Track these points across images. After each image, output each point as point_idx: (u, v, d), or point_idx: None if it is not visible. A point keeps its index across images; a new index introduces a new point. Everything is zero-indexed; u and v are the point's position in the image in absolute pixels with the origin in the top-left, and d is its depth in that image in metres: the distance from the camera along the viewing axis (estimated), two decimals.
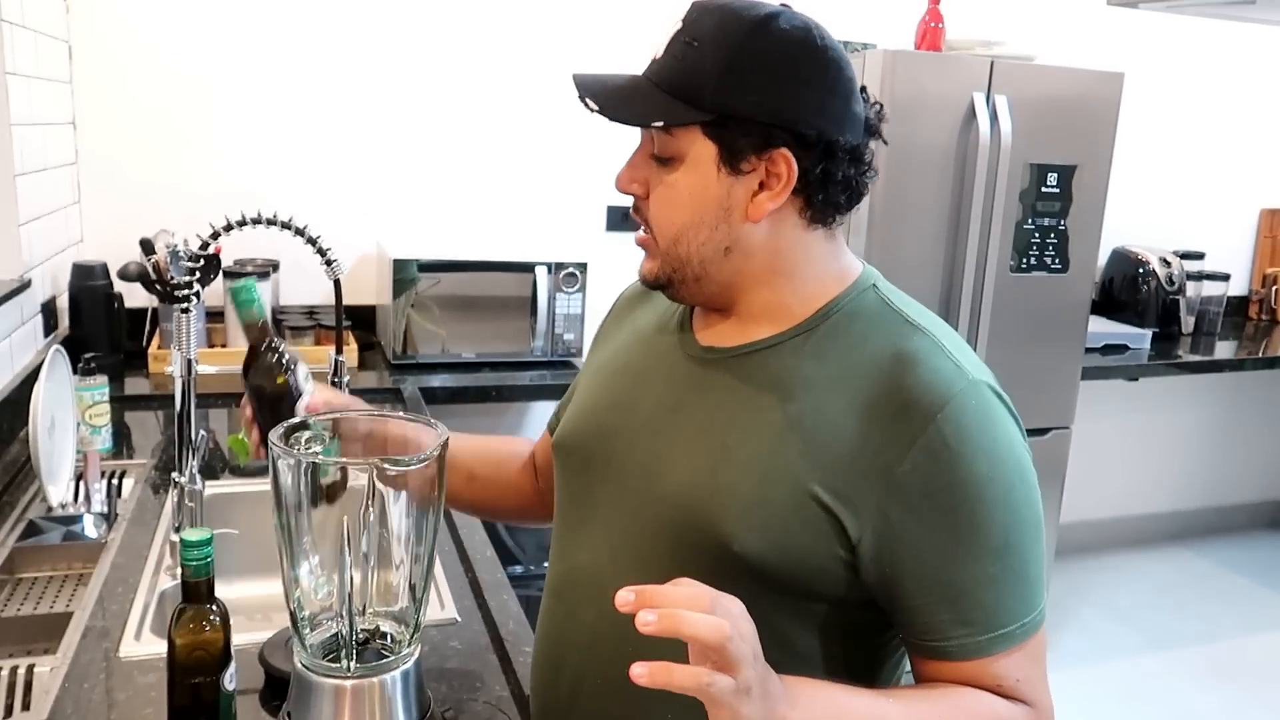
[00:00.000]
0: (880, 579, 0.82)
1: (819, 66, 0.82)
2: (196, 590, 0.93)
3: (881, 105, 0.89)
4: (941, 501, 0.79)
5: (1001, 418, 0.83)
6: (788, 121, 0.81)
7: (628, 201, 0.91)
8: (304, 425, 0.94)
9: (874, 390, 0.82)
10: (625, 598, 0.68)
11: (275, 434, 0.86)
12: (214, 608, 0.95)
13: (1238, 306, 3.92)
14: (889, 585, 0.82)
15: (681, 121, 0.81)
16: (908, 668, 0.93)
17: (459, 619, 1.31)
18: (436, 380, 2.46)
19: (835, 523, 0.82)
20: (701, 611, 0.67)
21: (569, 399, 1.12)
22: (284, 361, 1.10)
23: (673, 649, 0.87)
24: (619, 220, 2.94)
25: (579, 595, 0.95)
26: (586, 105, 0.84)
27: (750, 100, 0.80)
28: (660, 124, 0.82)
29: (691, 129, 0.82)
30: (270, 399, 1.10)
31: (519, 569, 2.50)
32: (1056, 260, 2.78)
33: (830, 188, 0.84)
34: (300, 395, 1.10)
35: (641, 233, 0.90)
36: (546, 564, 1.07)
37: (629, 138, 0.89)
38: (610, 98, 0.84)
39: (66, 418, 1.73)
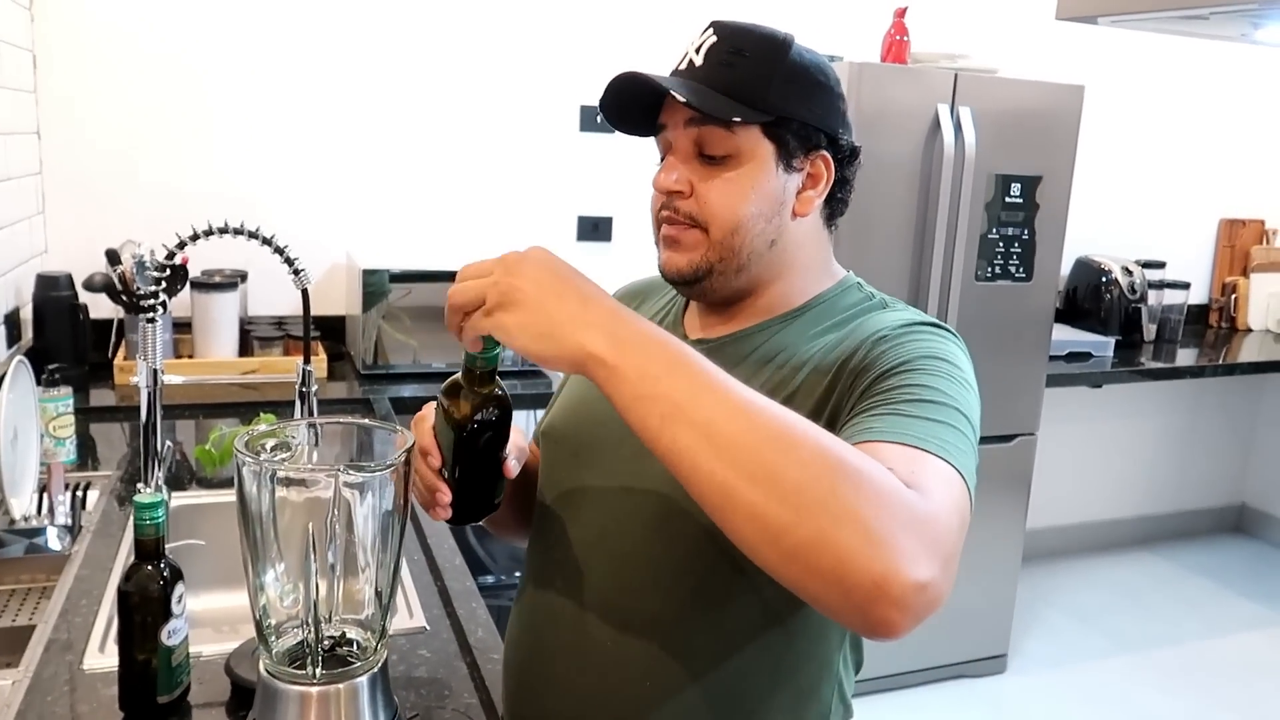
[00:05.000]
0: None
1: (837, 84, 0.95)
2: (146, 548, 1.04)
3: None
4: (893, 369, 0.83)
5: (956, 343, 0.89)
6: (829, 127, 0.93)
7: (602, 212, 0.94)
8: (271, 433, 0.94)
9: (839, 332, 0.92)
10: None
11: (240, 440, 0.86)
12: (163, 564, 1.05)
13: (1198, 314, 3.99)
14: None
15: (752, 121, 0.89)
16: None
17: (427, 627, 1.31)
18: (408, 390, 2.45)
19: None
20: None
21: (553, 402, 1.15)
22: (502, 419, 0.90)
23: (654, 621, 0.90)
24: (589, 231, 2.96)
25: (564, 576, 0.98)
26: (672, 99, 0.88)
27: (804, 107, 0.91)
28: (739, 120, 0.88)
29: (752, 128, 0.90)
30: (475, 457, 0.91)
31: (490, 579, 2.49)
32: (1021, 269, 2.82)
33: (845, 190, 0.97)
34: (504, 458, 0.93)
35: (671, 229, 0.93)
36: (518, 573, 1.08)
37: (602, 150, 0.91)
38: (692, 92, 0.88)
39: (30, 429, 1.71)
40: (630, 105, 0.93)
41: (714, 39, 0.91)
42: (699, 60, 0.90)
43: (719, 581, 0.90)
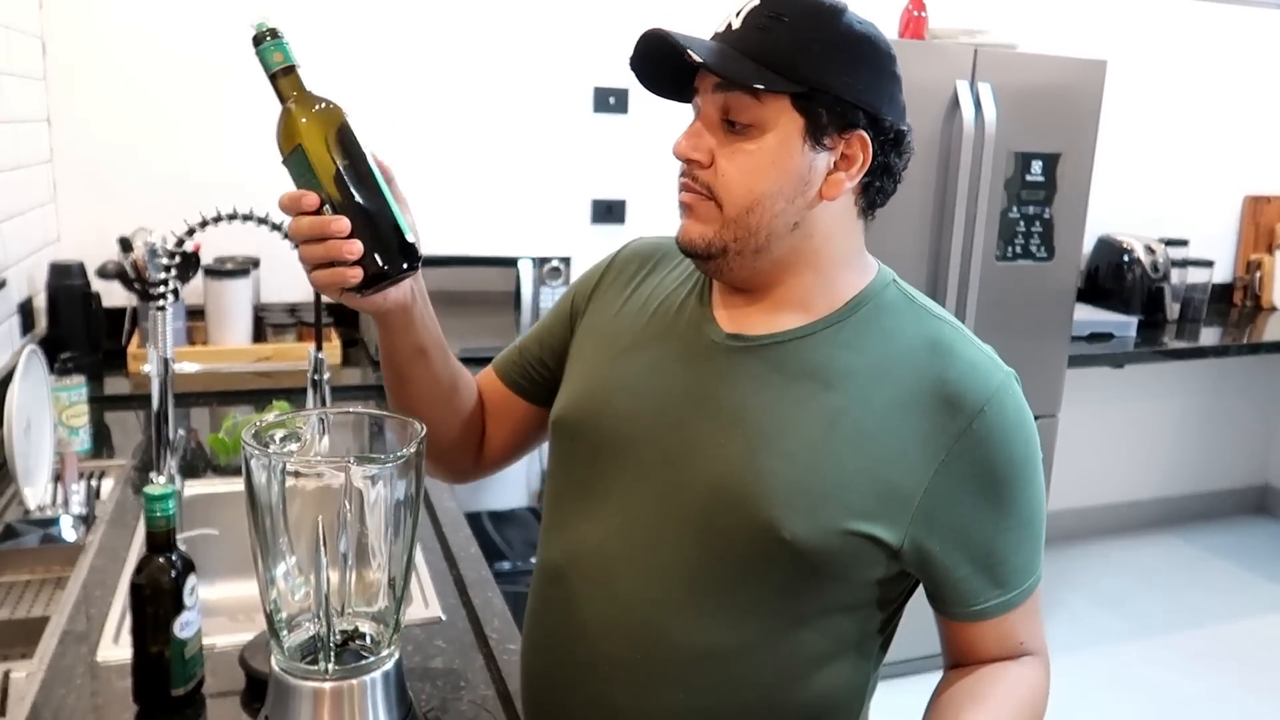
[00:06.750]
0: (923, 558, 0.86)
1: (890, 61, 0.88)
2: (157, 540, 1.03)
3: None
4: (986, 482, 0.85)
5: (1026, 406, 0.90)
6: (870, 105, 0.85)
7: (616, 194, 0.90)
8: (280, 424, 0.92)
9: (917, 382, 0.86)
10: None
11: (248, 432, 0.84)
12: (174, 557, 1.04)
13: (1222, 293, 3.93)
14: (932, 561, 0.86)
15: (778, 89, 0.82)
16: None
17: (443, 617, 1.30)
18: None
19: (880, 521, 0.85)
20: None
21: (534, 342, 1.11)
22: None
23: (691, 631, 0.88)
24: (603, 213, 2.92)
25: (587, 581, 0.93)
26: (688, 58, 0.82)
27: (841, 80, 0.83)
28: (761, 86, 0.82)
29: (780, 99, 0.83)
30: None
31: (506, 565, 2.48)
32: (1042, 248, 2.77)
33: (886, 178, 0.90)
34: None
35: (687, 195, 0.88)
36: (534, 559, 1.06)
37: (617, 132, 0.87)
38: (713, 53, 0.83)
39: (43, 419, 1.70)
40: (660, 66, 0.87)
41: (755, 2, 0.85)
42: (737, 24, 0.85)
43: (764, 602, 0.87)
